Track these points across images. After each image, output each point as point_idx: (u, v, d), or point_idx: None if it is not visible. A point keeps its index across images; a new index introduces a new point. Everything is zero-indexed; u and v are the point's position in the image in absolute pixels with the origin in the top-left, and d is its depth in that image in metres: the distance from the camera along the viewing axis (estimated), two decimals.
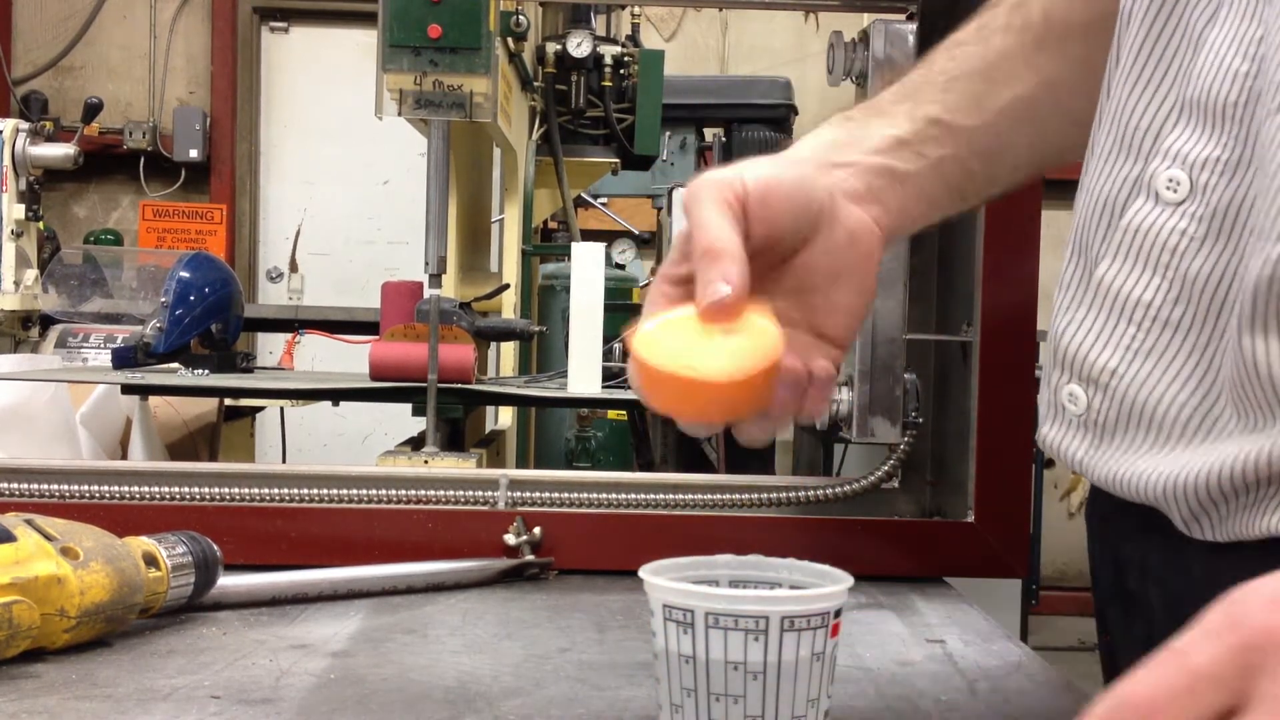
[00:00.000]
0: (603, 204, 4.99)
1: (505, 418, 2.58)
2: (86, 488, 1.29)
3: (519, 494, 1.30)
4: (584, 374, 1.76)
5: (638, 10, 3.85)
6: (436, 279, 1.70)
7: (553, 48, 2.98)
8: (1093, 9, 0.89)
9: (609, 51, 3.10)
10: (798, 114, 4.56)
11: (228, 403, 2.53)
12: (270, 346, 5.08)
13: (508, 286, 2.32)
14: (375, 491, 1.29)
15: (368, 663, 0.96)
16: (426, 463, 1.57)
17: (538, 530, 1.26)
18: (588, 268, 1.78)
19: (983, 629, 1.12)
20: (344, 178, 6.24)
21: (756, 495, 1.31)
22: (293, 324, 2.83)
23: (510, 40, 2.35)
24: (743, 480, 1.33)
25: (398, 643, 1.02)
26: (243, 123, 6.27)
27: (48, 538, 0.94)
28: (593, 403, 2.36)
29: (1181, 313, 0.75)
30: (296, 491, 1.29)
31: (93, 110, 3.26)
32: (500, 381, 1.98)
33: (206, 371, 1.89)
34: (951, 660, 1.02)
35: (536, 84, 2.90)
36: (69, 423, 2.05)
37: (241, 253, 6.17)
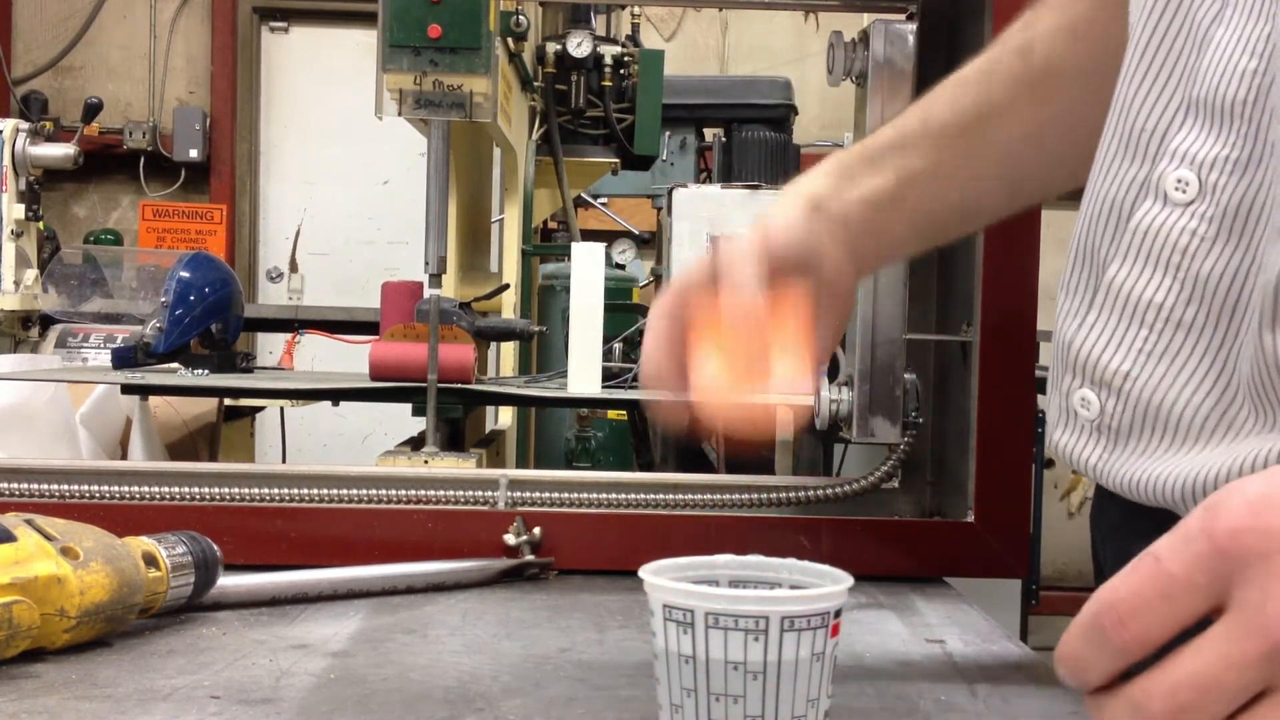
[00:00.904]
0: (603, 204, 4.99)
1: (505, 418, 2.58)
2: (86, 488, 1.29)
3: (519, 494, 1.30)
4: (584, 374, 1.76)
5: (638, 10, 3.85)
6: (436, 279, 1.70)
7: (553, 48, 2.98)
8: (1094, 56, 0.91)
9: (609, 51, 3.10)
10: (798, 114, 4.56)
11: (227, 403, 2.53)
12: (270, 346, 5.08)
13: (508, 286, 2.32)
14: (375, 491, 1.29)
15: (368, 663, 0.96)
16: (426, 463, 1.57)
17: (538, 530, 1.26)
18: (588, 268, 1.78)
19: (983, 629, 1.12)
20: (344, 178, 6.24)
21: (756, 495, 1.31)
22: (293, 324, 2.84)
23: (510, 40, 2.35)
24: (743, 480, 1.33)
25: (398, 643, 1.02)
26: (243, 123, 6.27)
27: (48, 538, 0.94)
28: (593, 403, 2.36)
29: (1194, 313, 0.74)
30: (296, 491, 1.29)
31: (93, 110, 3.26)
32: (500, 381, 1.98)
33: (206, 371, 1.89)
34: (951, 660, 1.02)
35: (536, 84, 2.90)
36: (69, 423, 2.05)
37: (241, 253, 6.17)
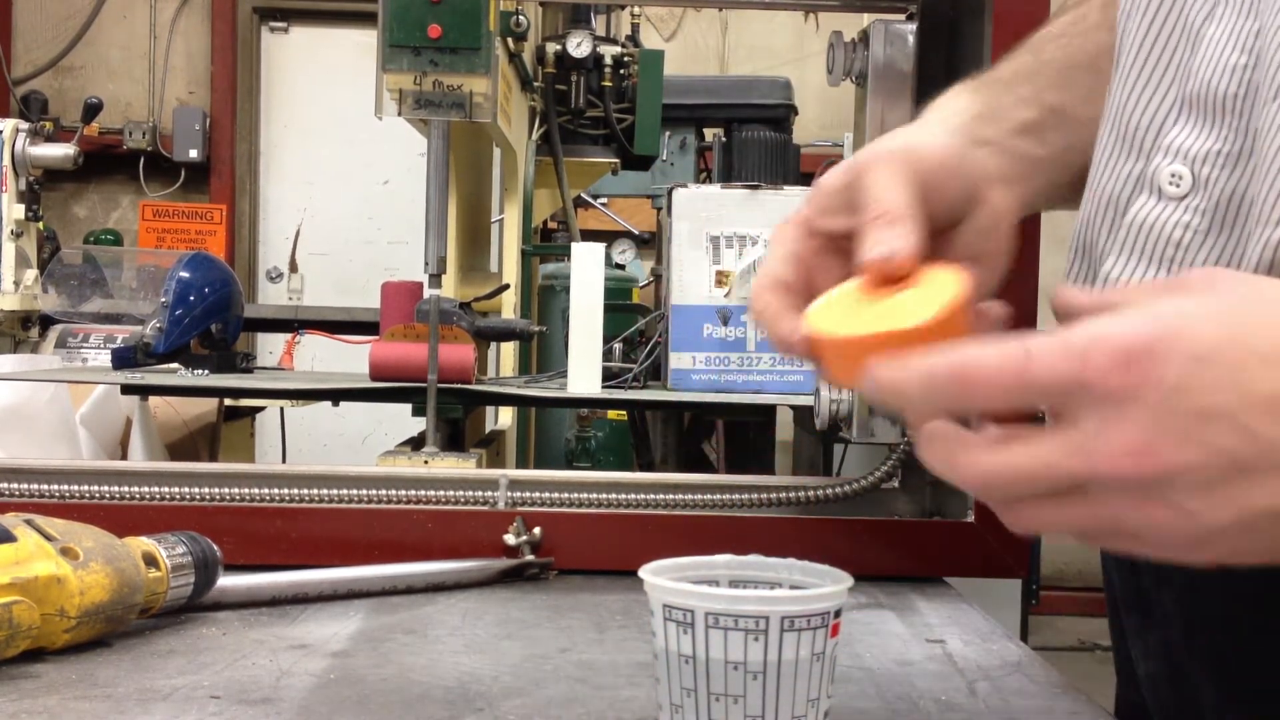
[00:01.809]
0: (603, 204, 4.99)
1: (505, 418, 2.58)
2: (86, 488, 1.29)
3: (519, 494, 1.30)
4: (584, 374, 1.76)
5: (638, 10, 3.85)
6: (436, 279, 1.70)
7: (553, 48, 2.98)
8: None
9: (609, 51, 3.10)
10: (798, 114, 4.56)
11: (227, 403, 2.53)
12: (270, 346, 5.08)
13: (508, 286, 2.32)
14: (375, 491, 1.29)
15: (368, 663, 0.96)
16: (426, 463, 1.57)
17: (538, 530, 1.26)
18: (588, 268, 1.78)
19: (983, 629, 1.12)
20: (344, 178, 6.24)
21: (756, 495, 1.31)
22: (293, 324, 2.83)
23: (510, 40, 2.35)
24: (743, 480, 1.33)
25: (398, 643, 1.02)
26: (243, 123, 6.27)
27: (48, 538, 0.94)
28: (593, 403, 2.36)
29: None
30: (296, 491, 1.29)
31: (92, 110, 3.26)
32: (500, 381, 1.98)
33: (206, 371, 1.89)
34: (951, 660, 1.02)
35: (536, 84, 2.90)
36: (69, 423, 2.05)
37: (241, 253, 6.17)
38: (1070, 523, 0.59)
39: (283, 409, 3.25)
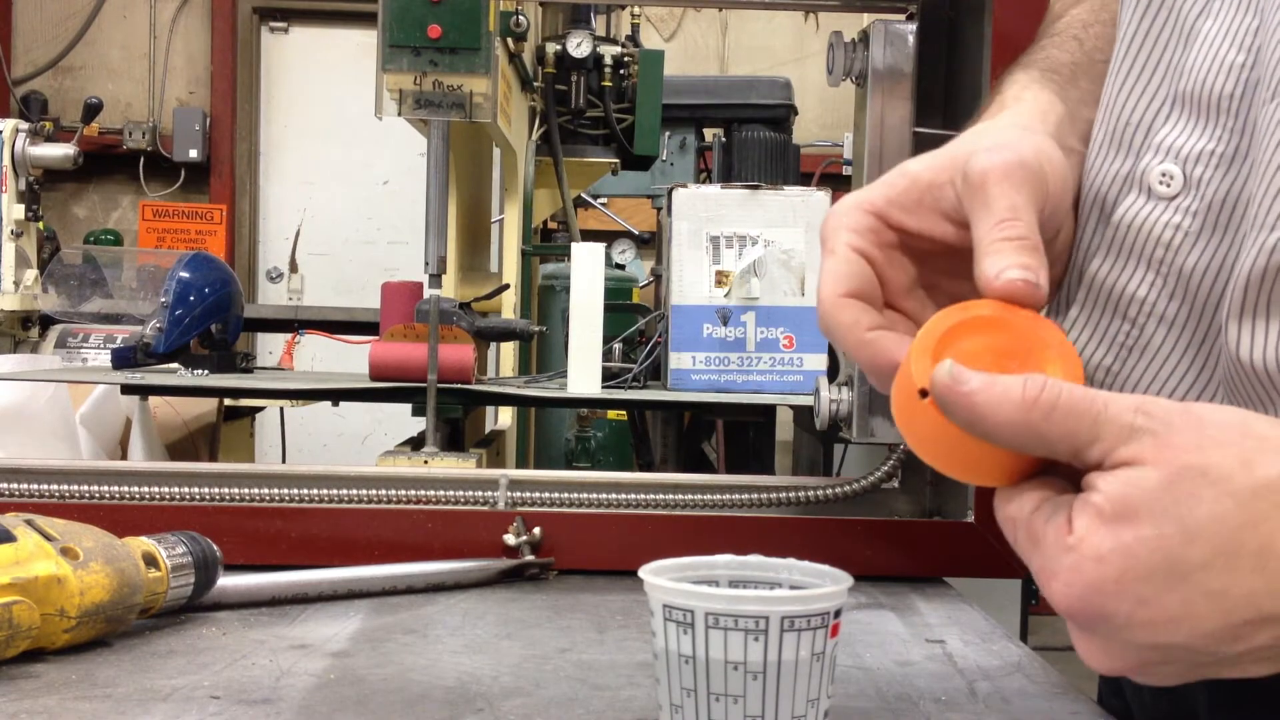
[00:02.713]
0: (602, 204, 4.99)
1: (505, 418, 2.58)
2: (86, 488, 1.28)
3: (519, 494, 1.30)
4: (584, 374, 1.76)
5: (638, 10, 3.85)
6: (436, 279, 1.70)
7: (553, 48, 2.98)
8: None
9: (609, 52, 3.10)
10: (797, 114, 4.56)
11: (227, 403, 2.53)
12: (270, 346, 5.08)
13: (508, 286, 2.32)
14: (375, 491, 1.29)
15: (368, 663, 0.96)
16: (426, 463, 1.57)
17: (538, 530, 1.26)
18: (588, 268, 1.78)
19: (983, 629, 1.12)
20: (344, 178, 6.24)
21: (756, 495, 1.31)
22: (293, 324, 2.84)
23: (510, 40, 2.35)
24: (743, 480, 1.33)
25: (398, 643, 1.02)
26: (242, 123, 6.28)
27: (48, 538, 0.94)
28: (593, 403, 2.36)
29: (1177, 308, 0.74)
30: (296, 491, 1.29)
31: (92, 110, 3.26)
32: (500, 381, 1.98)
33: (206, 371, 1.89)
34: (951, 660, 1.02)
35: (536, 84, 2.90)
36: (69, 423, 2.05)
37: (241, 253, 6.18)
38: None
39: (282, 409, 3.25)
